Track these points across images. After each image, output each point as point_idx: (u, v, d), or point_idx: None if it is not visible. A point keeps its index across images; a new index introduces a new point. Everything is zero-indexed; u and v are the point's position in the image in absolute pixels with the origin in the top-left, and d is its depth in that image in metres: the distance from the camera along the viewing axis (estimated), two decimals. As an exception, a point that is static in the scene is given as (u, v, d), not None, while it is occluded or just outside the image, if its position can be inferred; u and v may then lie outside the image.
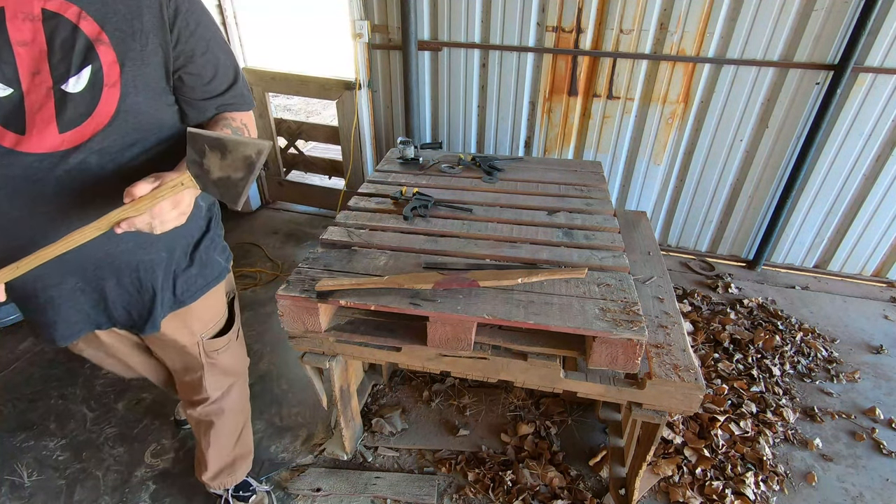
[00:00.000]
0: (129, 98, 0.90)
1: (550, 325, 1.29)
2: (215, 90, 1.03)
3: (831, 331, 2.58)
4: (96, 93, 0.86)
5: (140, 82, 0.90)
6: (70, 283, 1.04)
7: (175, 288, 1.17)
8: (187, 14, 0.93)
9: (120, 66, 0.87)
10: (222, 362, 1.38)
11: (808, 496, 1.78)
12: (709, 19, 2.47)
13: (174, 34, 0.92)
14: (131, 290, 1.11)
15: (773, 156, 2.73)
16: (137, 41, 0.88)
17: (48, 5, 0.81)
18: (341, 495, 1.73)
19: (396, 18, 2.79)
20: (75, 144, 0.88)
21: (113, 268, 1.06)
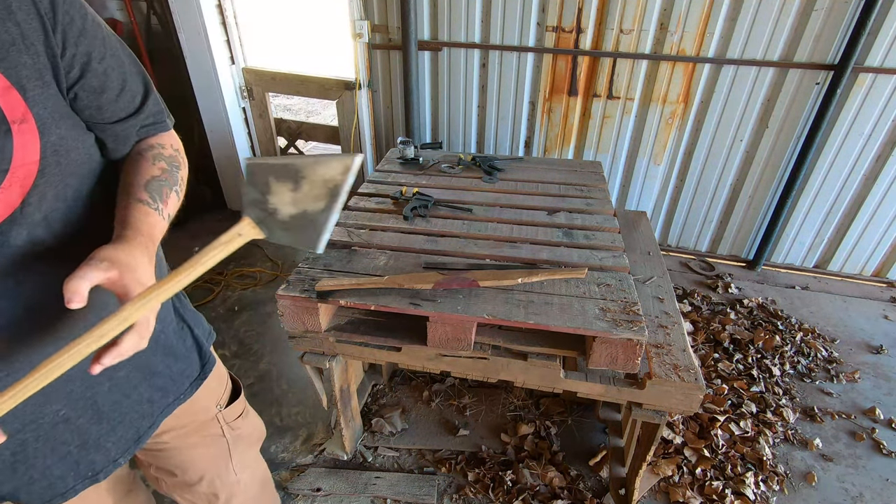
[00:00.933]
0: (51, 134, 0.63)
1: (550, 325, 1.29)
2: (128, 107, 0.75)
3: (831, 331, 2.58)
4: (2, 138, 0.58)
5: (54, 109, 0.64)
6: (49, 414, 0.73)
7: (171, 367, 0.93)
8: (68, 6, 0.64)
9: (20, 92, 0.59)
10: (246, 430, 1.14)
11: (808, 496, 1.78)
12: (709, 19, 2.47)
13: (58, 35, 0.63)
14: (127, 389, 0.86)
15: (773, 156, 2.73)
16: (26, 52, 0.60)
17: None
18: (341, 495, 1.73)
19: (396, 18, 2.79)
20: (2, 218, 0.61)
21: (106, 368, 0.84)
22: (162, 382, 0.90)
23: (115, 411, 0.82)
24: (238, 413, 1.11)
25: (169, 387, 0.91)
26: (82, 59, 0.66)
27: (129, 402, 0.84)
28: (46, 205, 0.65)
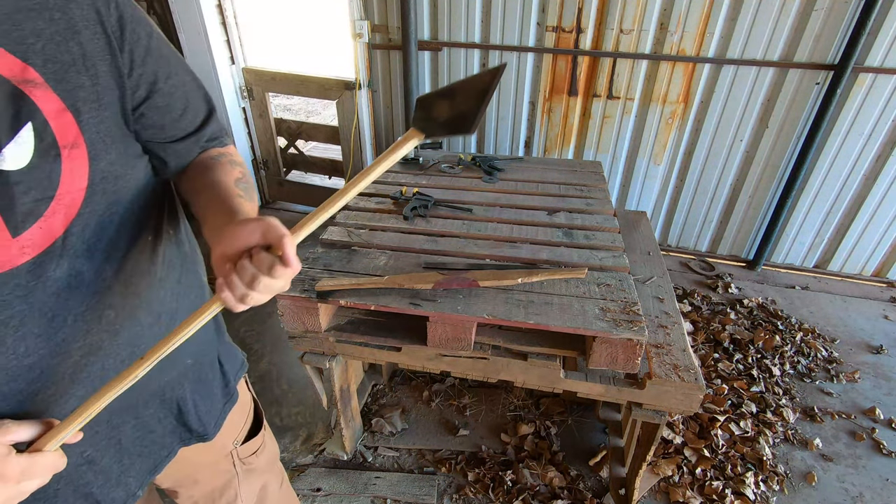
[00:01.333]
0: (101, 160, 0.60)
1: (550, 325, 1.29)
2: (191, 124, 0.73)
3: (831, 331, 2.58)
4: (52, 163, 0.55)
5: (106, 133, 0.60)
6: (74, 455, 0.68)
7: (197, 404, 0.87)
8: (134, 22, 0.62)
9: (74, 115, 0.56)
10: (260, 464, 1.08)
11: (808, 496, 1.78)
12: (709, 19, 2.47)
13: (125, 54, 0.60)
14: (152, 425, 0.81)
15: (773, 156, 2.73)
16: (85, 73, 0.56)
17: None
18: (341, 495, 1.73)
19: (396, 18, 2.79)
20: (44, 248, 0.57)
21: (134, 406, 0.76)
22: (187, 420, 0.86)
23: (137, 446, 0.79)
24: (254, 450, 1.04)
25: (193, 423, 0.87)
26: (149, 79, 0.64)
27: (151, 437, 0.81)
28: (89, 234, 0.61)
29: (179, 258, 0.79)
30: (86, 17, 0.56)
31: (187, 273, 0.81)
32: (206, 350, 0.88)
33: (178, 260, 0.79)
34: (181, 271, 0.79)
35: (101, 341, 0.66)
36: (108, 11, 0.58)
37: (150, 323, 0.72)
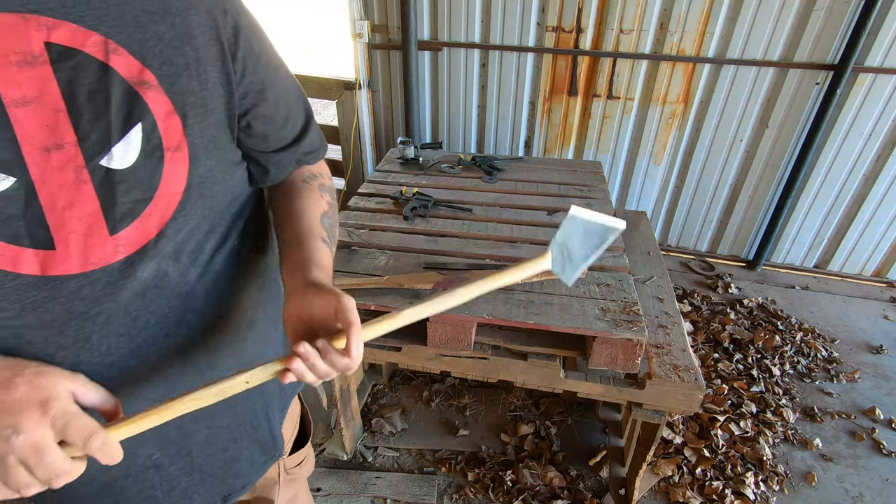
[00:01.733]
0: (200, 165, 0.60)
1: (550, 325, 1.29)
2: (290, 135, 0.73)
3: (831, 331, 2.58)
4: (155, 164, 0.56)
5: (209, 139, 0.61)
6: (142, 457, 0.69)
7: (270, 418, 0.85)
8: (249, 32, 0.63)
9: (181, 119, 0.57)
10: (302, 474, 1.07)
11: (808, 496, 1.78)
12: (709, 19, 2.47)
13: (238, 63, 0.61)
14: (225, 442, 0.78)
15: (773, 156, 2.73)
16: (196, 78, 0.58)
17: (56, 37, 0.50)
18: (341, 495, 1.73)
19: (396, 18, 2.79)
20: (137, 248, 0.58)
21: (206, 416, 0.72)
22: (263, 437, 0.83)
23: (209, 464, 0.76)
24: (299, 461, 1.02)
25: (268, 443, 0.84)
26: (257, 87, 0.65)
27: (225, 457, 0.78)
28: (181, 238, 0.61)
29: (264, 267, 0.78)
30: (202, 23, 0.58)
31: (270, 283, 0.80)
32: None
33: (262, 269, 0.77)
34: (264, 280, 0.78)
35: (180, 345, 0.65)
36: (225, 20, 0.60)
37: (229, 330, 0.72)
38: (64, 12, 0.50)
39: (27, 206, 0.51)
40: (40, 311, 0.54)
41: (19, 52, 0.48)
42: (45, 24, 0.49)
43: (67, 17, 0.50)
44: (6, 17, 0.48)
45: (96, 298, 0.56)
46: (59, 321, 0.55)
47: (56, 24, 0.49)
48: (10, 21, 0.48)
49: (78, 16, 0.50)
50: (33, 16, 0.48)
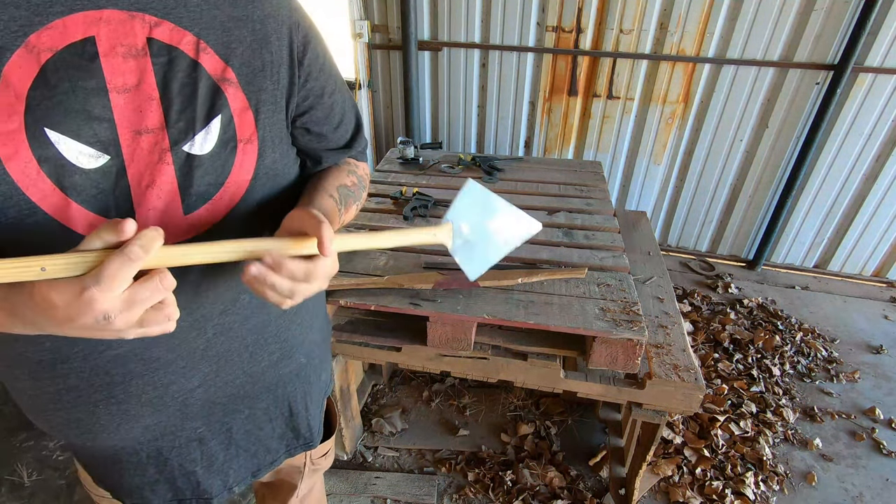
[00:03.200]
0: (267, 157, 0.66)
1: (550, 325, 1.29)
2: (342, 139, 0.80)
3: (831, 331, 2.58)
4: (229, 153, 0.62)
5: (276, 133, 0.67)
6: (189, 429, 0.75)
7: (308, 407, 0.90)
8: (316, 43, 0.70)
9: (254, 114, 0.64)
10: (324, 465, 1.11)
11: (808, 496, 1.78)
12: (709, 19, 2.47)
13: (304, 69, 0.68)
14: (262, 422, 0.83)
15: (773, 156, 2.73)
16: (269, 78, 0.64)
17: (157, 34, 0.56)
18: (341, 495, 1.73)
19: (396, 18, 2.79)
20: (206, 228, 0.63)
21: (249, 396, 0.79)
22: (299, 424, 0.89)
23: (245, 440, 0.82)
24: (324, 452, 1.06)
25: (303, 427, 0.90)
26: (317, 92, 0.71)
27: (260, 435, 0.84)
28: (243, 221, 0.67)
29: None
30: (278, 31, 0.65)
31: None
32: (316, 352, 0.89)
33: None
34: None
35: (232, 322, 0.70)
36: (297, 30, 0.67)
37: (278, 314, 0.76)
38: (165, 12, 0.56)
39: (117, 182, 0.56)
40: None
41: (125, 44, 0.54)
42: (149, 21, 0.55)
43: (168, 17, 0.57)
44: (117, 13, 0.54)
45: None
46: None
47: (158, 23, 0.56)
48: (120, 17, 0.54)
49: (177, 17, 0.57)
50: (139, 13, 0.55)
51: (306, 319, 0.83)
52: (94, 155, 0.54)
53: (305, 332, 0.83)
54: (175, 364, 0.66)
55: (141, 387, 0.66)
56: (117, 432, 0.69)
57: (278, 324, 0.77)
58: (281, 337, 0.77)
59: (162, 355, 0.65)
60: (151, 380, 0.66)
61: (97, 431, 0.68)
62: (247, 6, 0.62)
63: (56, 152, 0.52)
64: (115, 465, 0.74)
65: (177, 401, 0.69)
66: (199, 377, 0.70)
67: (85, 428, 0.66)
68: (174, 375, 0.67)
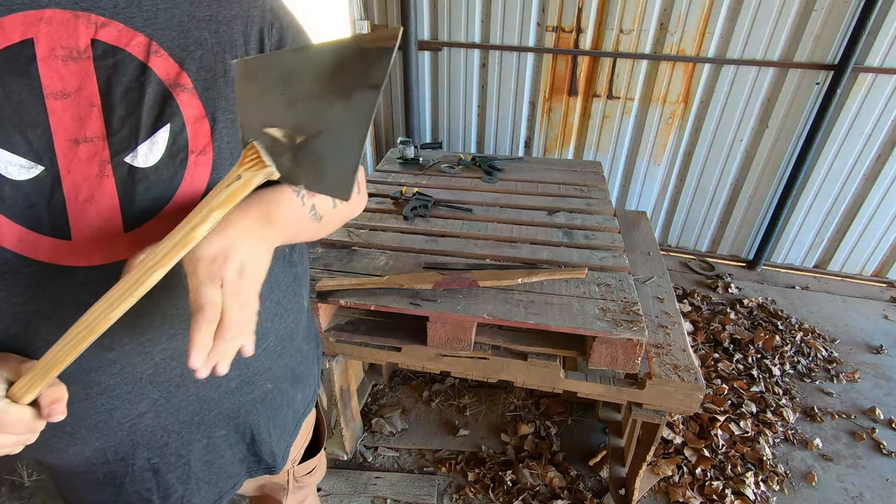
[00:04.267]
0: (223, 169, 0.60)
1: (550, 325, 1.29)
2: None
3: (831, 331, 2.58)
4: (178, 166, 0.56)
5: (236, 145, 0.61)
6: (141, 458, 0.69)
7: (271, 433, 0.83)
8: (296, 43, 0.65)
9: (210, 123, 0.58)
10: (312, 482, 1.07)
11: (808, 496, 1.78)
12: (709, 19, 2.47)
13: None
14: (222, 450, 0.77)
15: (773, 156, 2.73)
16: (231, 85, 0.59)
17: (103, 35, 0.52)
18: (341, 495, 1.73)
19: (396, 18, 2.79)
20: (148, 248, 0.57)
21: (205, 423, 0.72)
22: (259, 449, 0.82)
23: (205, 472, 0.76)
24: (309, 470, 1.01)
25: (265, 454, 0.83)
26: None
27: (221, 462, 0.78)
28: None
29: (287, 279, 0.75)
30: (246, 33, 0.59)
31: (290, 296, 0.76)
32: (288, 375, 0.82)
33: (284, 281, 0.74)
34: (284, 293, 0.75)
35: (184, 347, 0.62)
36: (271, 31, 0.61)
37: None
38: (115, 12, 0.52)
39: (51, 195, 0.52)
40: (49, 300, 0.55)
41: (66, 47, 0.50)
42: (95, 22, 0.51)
43: (117, 17, 0.52)
44: (59, 13, 0.50)
45: (98, 294, 0.55)
46: (65, 312, 0.55)
47: (105, 23, 0.52)
48: (63, 17, 0.50)
49: (128, 16, 0.53)
50: (84, 13, 0.51)
51: (273, 345, 0.74)
52: (25, 165, 0.50)
53: (273, 359, 0.75)
54: (118, 389, 0.61)
55: (83, 410, 0.60)
56: (66, 453, 0.65)
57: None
58: (242, 363, 0.69)
59: (103, 380, 0.59)
60: (94, 404, 0.61)
61: (46, 451, 0.64)
62: (211, 5, 0.57)
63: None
64: (74, 480, 0.71)
65: (124, 426, 0.64)
66: (146, 403, 0.64)
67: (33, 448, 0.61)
68: (118, 401, 0.61)
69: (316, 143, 0.45)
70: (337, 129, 0.43)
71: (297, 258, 0.79)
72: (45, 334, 0.56)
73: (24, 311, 0.54)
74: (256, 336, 0.70)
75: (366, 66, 0.41)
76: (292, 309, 0.78)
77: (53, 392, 0.52)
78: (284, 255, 0.74)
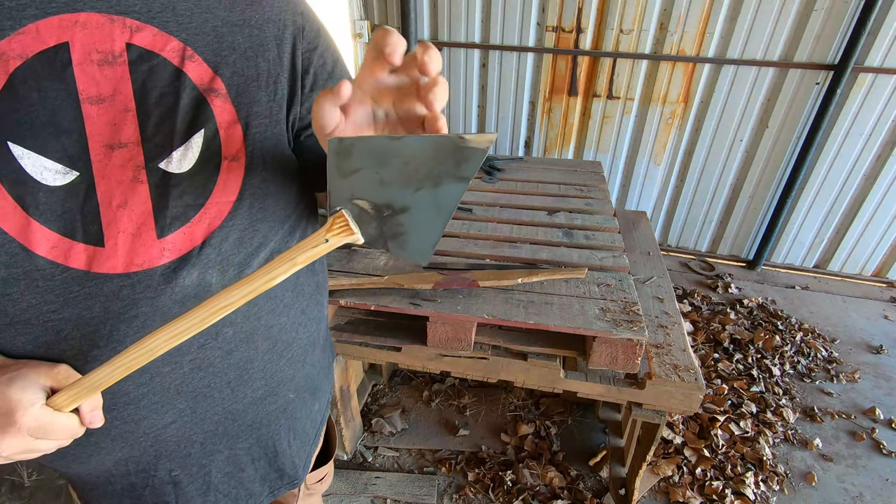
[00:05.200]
0: (255, 175, 0.59)
1: (550, 325, 1.29)
2: None
3: (831, 331, 2.58)
4: (211, 171, 0.56)
5: (268, 150, 0.60)
6: (163, 470, 0.68)
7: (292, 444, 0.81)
8: (325, 49, 0.64)
9: (243, 129, 0.58)
10: (321, 489, 1.05)
11: (808, 496, 1.78)
12: (709, 19, 2.47)
13: (310, 76, 0.62)
14: (244, 463, 0.76)
15: (773, 156, 2.73)
16: (264, 89, 0.58)
17: (137, 39, 0.51)
18: (341, 495, 1.73)
19: (396, 18, 2.79)
20: (182, 254, 0.57)
21: (229, 434, 0.70)
22: (281, 462, 0.81)
23: (225, 484, 0.74)
24: (320, 478, 0.99)
25: (287, 466, 0.82)
26: None
27: (242, 477, 0.76)
28: (227, 247, 0.59)
29: (311, 287, 0.75)
30: (279, 37, 0.59)
31: (313, 304, 0.76)
32: (307, 385, 0.81)
33: (309, 289, 0.74)
34: (308, 302, 0.75)
35: (213, 358, 0.63)
36: (302, 35, 0.61)
37: (265, 349, 0.68)
38: (150, 16, 0.52)
39: (85, 200, 0.52)
40: (80, 308, 0.54)
41: (102, 51, 0.50)
42: (130, 26, 0.51)
43: (152, 22, 0.52)
44: (95, 17, 0.49)
45: (134, 301, 0.55)
46: (96, 320, 0.54)
47: (140, 27, 0.51)
48: (98, 21, 0.49)
49: (162, 21, 0.52)
50: (120, 17, 0.50)
51: (297, 354, 0.74)
52: (60, 171, 0.50)
53: (296, 368, 0.75)
54: (146, 399, 0.60)
55: (110, 420, 0.59)
56: (88, 462, 0.64)
57: (265, 359, 0.69)
58: (267, 373, 0.70)
59: (131, 390, 0.59)
60: (120, 414, 0.60)
61: (69, 461, 0.64)
62: (245, 10, 0.57)
63: (18, 168, 0.48)
64: (93, 490, 0.70)
65: (149, 436, 0.63)
66: (173, 413, 0.63)
67: (55, 456, 0.62)
68: (145, 411, 0.61)
69: (402, 218, 0.48)
70: (423, 210, 0.47)
71: (318, 266, 0.79)
72: (75, 343, 0.55)
73: (56, 320, 0.54)
74: (283, 346, 0.71)
75: (459, 160, 0.46)
76: (315, 317, 0.78)
77: (92, 399, 0.53)
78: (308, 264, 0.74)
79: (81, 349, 0.55)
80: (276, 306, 0.68)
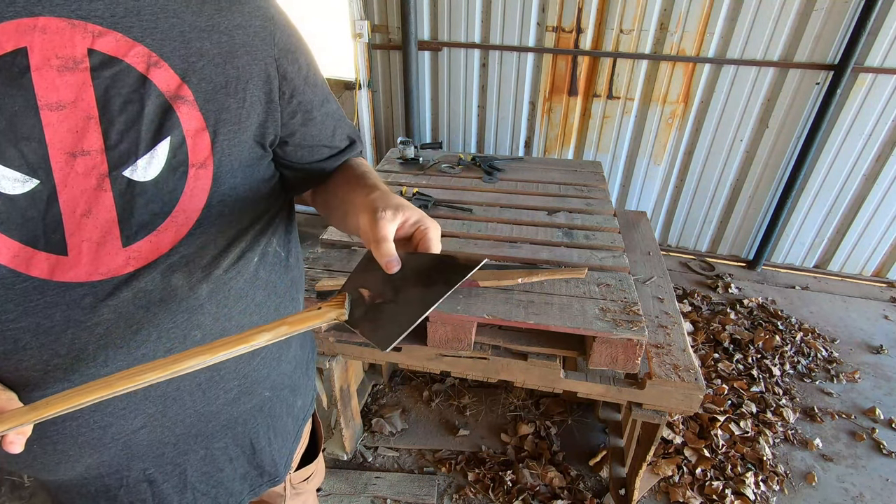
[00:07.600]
0: (224, 183, 0.59)
1: (550, 325, 1.29)
2: (339, 145, 0.75)
3: (831, 331, 2.58)
4: (177, 179, 0.56)
5: (236, 157, 0.60)
6: (136, 470, 0.67)
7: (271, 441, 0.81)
8: (297, 52, 0.63)
9: (211, 136, 0.57)
10: (310, 488, 1.05)
11: (808, 496, 1.78)
12: (709, 19, 2.47)
13: (287, 83, 0.62)
14: (221, 463, 0.75)
15: (773, 156, 2.73)
16: (233, 96, 0.58)
17: (99, 45, 0.50)
18: (341, 495, 1.73)
19: (396, 18, 2.79)
20: (148, 262, 0.57)
21: (203, 435, 0.70)
22: (263, 461, 0.80)
23: (202, 483, 0.74)
24: (306, 476, 0.99)
25: (266, 463, 0.81)
26: (306, 107, 0.66)
27: (220, 477, 0.76)
28: (193, 252, 0.59)
29: (284, 284, 0.74)
30: (248, 42, 0.58)
31: (288, 301, 0.76)
32: (286, 382, 0.80)
33: (282, 286, 0.74)
34: (282, 298, 0.74)
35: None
36: (273, 41, 0.60)
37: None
38: (113, 21, 0.50)
39: (47, 209, 0.51)
40: (40, 317, 0.53)
41: (62, 56, 0.48)
42: (92, 31, 0.49)
43: (115, 27, 0.50)
44: (54, 21, 0.48)
45: (95, 308, 0.55)
46: (56, 328, 0.54)
47: (102, 33, 0.50)
48: (58, 25, 0.48)
49: (126, 26, 0.51)
50: (81, 22, 0.49)
51: (272, 352, 0.74)
52: (20, 179, 0.49)
53: (271, 367, 0.74)
54: (112, 405, 0.59)
55: (76, 428, 0.59)
56: (58, 469, 0.63)
57: (237, 360, 0.67)
58: (240, 373, 0.69)
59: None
60: (87, 421, 0.59)
61: (37, 468, 0.63)
62: (213, 15, 0.56)
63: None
64: (66, 493, 0.69)
65: (118, 442, 0.62)
66: (142, 418, 0.62)
67: (25, 464, 0.61)
68: (112, 417, 0.60)
69: (385, 307, 0.55)
70: (405, 304, 0.53)
71: (293, 262, 0.78)
72: (34, 352, 0.54)
73: (14, 329, 0.53)
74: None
75: (450, 271, 0.53)
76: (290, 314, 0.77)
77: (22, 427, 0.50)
78: (281, 259, 0.73)
79: (42, 358, 0.54)
80: (247, 305, 0.67)
